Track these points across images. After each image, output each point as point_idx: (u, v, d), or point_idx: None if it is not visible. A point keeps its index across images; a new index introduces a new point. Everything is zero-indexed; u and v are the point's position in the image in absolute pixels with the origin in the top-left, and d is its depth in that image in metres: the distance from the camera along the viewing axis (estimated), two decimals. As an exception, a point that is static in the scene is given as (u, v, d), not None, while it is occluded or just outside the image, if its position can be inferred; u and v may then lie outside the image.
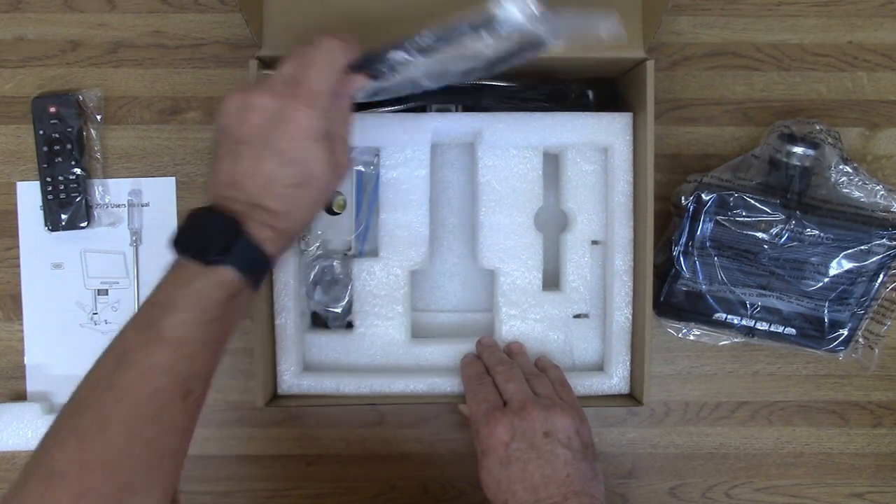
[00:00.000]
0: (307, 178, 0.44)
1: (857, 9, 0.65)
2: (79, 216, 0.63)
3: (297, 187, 0.44)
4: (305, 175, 0.44)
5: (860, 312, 0.59)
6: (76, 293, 0.65)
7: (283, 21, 0.55)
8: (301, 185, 0.44)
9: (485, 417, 0.50)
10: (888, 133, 0.66)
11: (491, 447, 0.49)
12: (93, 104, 0.64)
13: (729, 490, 0.66)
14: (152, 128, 0.65)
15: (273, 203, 0.44)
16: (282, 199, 0.44)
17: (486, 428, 0.50)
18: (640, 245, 0.57)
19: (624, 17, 0.55)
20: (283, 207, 0.44)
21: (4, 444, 0.62)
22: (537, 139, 0.59)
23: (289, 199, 0.44)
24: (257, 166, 0.43)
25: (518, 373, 0.54)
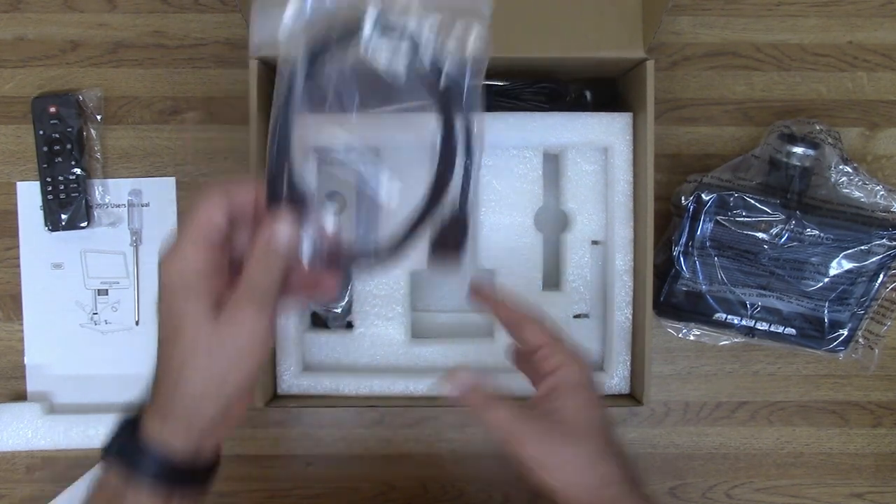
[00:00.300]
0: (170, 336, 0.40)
1: (857, 9, 0.65)
2: (79, 216, 0.63)
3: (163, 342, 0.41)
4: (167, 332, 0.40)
5: (860, 312, 0.59)
6: (76, 293, 0.65)
7: (283, 21, 0.55)
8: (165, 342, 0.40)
9: (573, 350, 0.45)
10: (888, 133, 0.66)
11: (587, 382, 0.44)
12: (93, 104, 0.64)
13: (729, 490, 0.66)
14: (152, 128, 0.65)
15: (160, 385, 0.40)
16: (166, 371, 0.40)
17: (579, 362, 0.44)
18: (640, 245, 0.57)
19: (624, 17, 0.56)
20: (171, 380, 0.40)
21: (4, 444, 0.62)
22: (537, 139, 0.59)
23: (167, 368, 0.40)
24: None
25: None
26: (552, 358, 0.44)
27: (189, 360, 0.39)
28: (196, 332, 0.39)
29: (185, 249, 0.40)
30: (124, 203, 0.65)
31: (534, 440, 0.42)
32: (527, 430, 0.42)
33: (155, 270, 0.64)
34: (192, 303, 0.39)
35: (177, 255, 0.40)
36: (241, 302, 0.39)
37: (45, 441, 0.62)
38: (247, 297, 0.40)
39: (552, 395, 0.43)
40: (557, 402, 0.43)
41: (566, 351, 0.44)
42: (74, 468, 0.64)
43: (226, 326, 0.39)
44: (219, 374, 0.39)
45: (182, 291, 0.40)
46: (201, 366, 0.39)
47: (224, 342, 0.39)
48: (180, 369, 0.39)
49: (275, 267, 0.40)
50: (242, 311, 0.39)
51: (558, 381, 0.44)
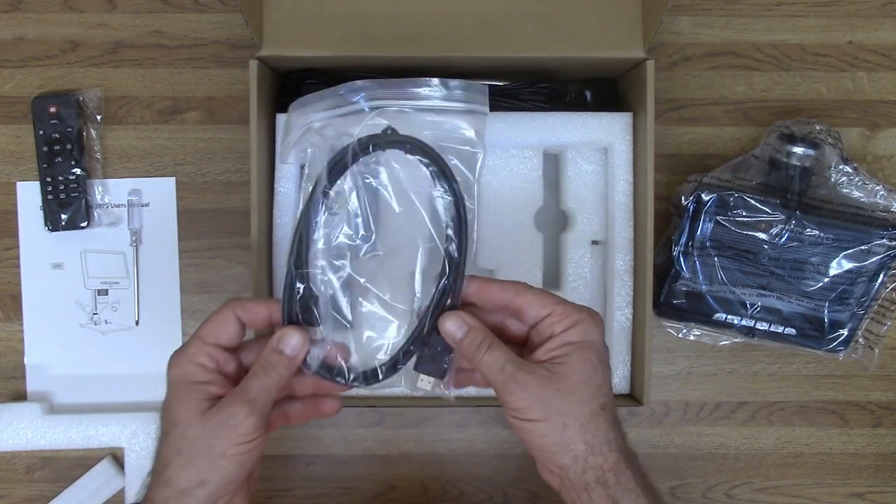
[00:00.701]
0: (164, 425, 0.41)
1: (857, 9, 0.65)
2: (79, 216, 0.63)
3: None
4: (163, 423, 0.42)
5: (860, 312, 0.59)
6: (76, 293, 0.65)
7: (283, 21, 0.55)
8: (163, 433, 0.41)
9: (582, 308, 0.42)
10: (888, 133, 0.66)
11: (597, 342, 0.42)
12: (93, 104, 0.64)
13: (729, 490, 0.66)
14: (152, 128, 0.65)
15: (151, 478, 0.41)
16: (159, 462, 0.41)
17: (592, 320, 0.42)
18: (640, 245, 0.57)
19: (624, 17, 0.56)
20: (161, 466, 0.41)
21: (4, 444, 0.62)
22: (537, 139, 0.59)
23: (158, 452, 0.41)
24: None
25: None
26: (566, 318, 0.41)
27: (173, 457, 0.40)
28: (184, 430, 0.40)
29: (190, 350, 0.42)
30: (124, 203, 0.65)
31: (526, 387, 0.40)
32: (521, 377, 0.40)
33: (155, 270, 0.65)
34: (186, 402, 0.40)
35: (181, 356, 0.42)
36: (230, 401, 0.40)
37: (45, 441, 0.62)
38: (238, 397, 0.40)
39: (559, 349, 0.41)
40: (563, 356, 0.41)
41: (579, 308, 0.42)
42: (74, 468, 0.64)
43: (211, 426, 0.39)
44: (198, 474, 0.39)
45: (180, 390, 0.41)
46: (182, 464, 0.39)
47: (207, 442, 0.39)
48: (165, 466, 0.40)
49: (274, 372, 0.41)
50: (229, 411, 0.40)
51: (570, 338, 0.41)
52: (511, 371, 0.40)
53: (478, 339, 0.42)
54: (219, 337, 0.42)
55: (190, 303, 0.65)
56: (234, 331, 0.43)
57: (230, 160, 0.65)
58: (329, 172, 0.44)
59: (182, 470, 0.39)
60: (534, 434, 0.40)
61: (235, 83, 0.65)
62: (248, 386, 0.41)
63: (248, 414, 0.39)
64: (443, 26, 0.55)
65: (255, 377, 0.41)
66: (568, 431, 0.39)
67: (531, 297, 0.42)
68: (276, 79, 0.60)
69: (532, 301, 0.42)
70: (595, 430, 0.40)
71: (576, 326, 0.41)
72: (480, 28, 0.55)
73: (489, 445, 0.66)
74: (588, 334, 0.41)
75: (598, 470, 0.40)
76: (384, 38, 0.55)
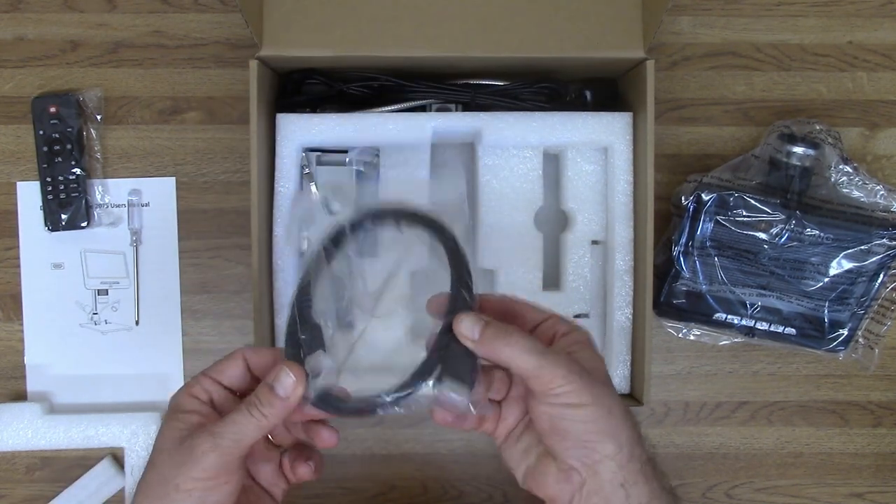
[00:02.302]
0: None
1: (857, 9, 0.65)
2: (79, 216, 0.63)
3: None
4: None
5: (860, 312, 0.59)
6: (76, 293, 0.65)
7: (283, 21, 0.55)
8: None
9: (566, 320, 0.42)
10: (888, 133, 0.66)
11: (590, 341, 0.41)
12: (93, 104, 0.64)
13: (729, 490, 0.66)
14: (152, 128, 0.65)
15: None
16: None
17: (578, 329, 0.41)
18: (640, 245, 0.57)
19: (624, 17, 0.56)
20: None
21: (4, 444, 0.62)
22: (537, 139, 0.59)
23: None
24: None
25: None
26: (564, 323, 0.41)
27: (140, 486, 0.39)
28: (156, 457, 0.39)
29: (190, 383, 0.41)
30: (124, 203, 0.65)
31: (562, 367, 0.36)
32: (553, 357, 0.36)
33: (155, 270, 0.65)
34: (168, 430, 0.39)
35: (182, 388, 0.41)
36: (198, 432, 0.38)
37: (45, 441, 0.62)
38: (206, 430, 0.38)
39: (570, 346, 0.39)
40: (575, 352, 0.39)
41: (569, 321, 0.42)
42: (74, 468, 0.64)
43: (176, 456, 0.37)
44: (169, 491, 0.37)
45: (168, 417, 0.40)
46: (143, 492, 0.38)
47: (168, 473, 0.37)
48: (135, 496, 0.39)
49: (258, 411, 0.38)
50: (193, 442, 0.37)
51: (575, 337, 0.40)
52: (541, 350, 0.37)
53: (497, 330, 0.38)
54: (221, 373, 0.41)
55: (190, 303, 0.65)
56: (239, 372, 0.41)
57: (230, 160, 0.65)
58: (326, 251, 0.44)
59: (143, 499, 0.38)
60: (576, 421, 0.36)
61: (235, 83, 0.65)
62: (223, 420, 0.38)
63: (209, 449, 0.37)
64: (443, 26, 0.55)
65: (236, 412, 0.38)
66: (614, 419, 0.36)
67: (527, 305, 0.43)
68: (276, 79, 0.60)
69: (529, 308, 0.42)
70: (633, 419, 0.37)
71: (571, 333, 0.41)
72: (480, 28, 0.55)
73: (489, 445, 0.66)
74: (584, 336, 0.41)
75: (639, 462, 0.37)
76: (384, 38, 0.55)
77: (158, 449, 0.39)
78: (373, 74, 0.59)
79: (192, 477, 0.37)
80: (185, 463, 0.37)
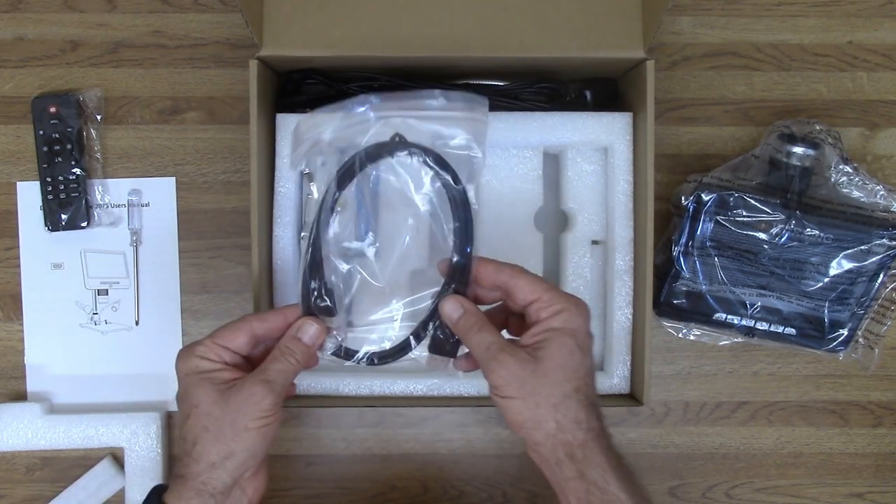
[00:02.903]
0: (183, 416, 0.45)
1: (857, 9, 0.65)
2: (79, 216, 0.63)
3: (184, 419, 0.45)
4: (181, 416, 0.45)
5: (860, 312, 0.59)
6: (76, 293, 0.65)
7: (283, 21, 0.55)
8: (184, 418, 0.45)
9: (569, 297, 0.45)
10: (888, 133, 0.66)
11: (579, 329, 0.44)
12: (93, 104, 0.64)
13: (729, 490, 0.66)
14: (152, 128, 0.65)
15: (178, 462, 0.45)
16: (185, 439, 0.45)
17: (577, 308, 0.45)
18: (640, 245, 0.57)
19: (624, 17, 0.56)
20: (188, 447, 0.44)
21: (4, 444, 0.62)
22: (537, 139, 0.59)
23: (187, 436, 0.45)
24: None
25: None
26: (551, 305, 0.44)
27: (200, 434, 0.44)
28: (207, 409, 0.44)
29: (199, 349, 0.45)
30: (124, 203, 0.65)
31: (506, 367, 0.43)
32: (503, 357, 0.43)
33: (155, 270, 0.65)
34: (203, 388, 0.44)
35: (190, 352, 0.46)
36: (250, 382, 0.44)
37: (45, 441, 0.62)
38: (258, 378, 0.45)
39: (541, 335, 0.44)
40: (544, 342, 0.44)
41: (566, 297, 0.45)
42: (74, 468, 0.64)
43: (233, 402, 0.44)
44: (226, 446, 0.43)
45: (193, 380, 0.45)
46: (210, 439, 0.43)
47: (231, 418, 0.43)
48: (193, 444, 0.44)
49: (292, 357, 0.46)
50: (250, 389, 0.44)
51: (553, 324, 0.44)
52: (494, 351, 0.44)
53: (470, 322, 0.46)
54: (228, 342, 0.46)
55: (190, 303, 0.65)
56: (245, 340, 0.47)
57: (230, 160, 0.65)
58: (338, 180, 0.48)
59: (211, 444, 0.43)
60: (510, 411, 0.43)
61: (235, 83, 0.65)
62: (267, 368, 0.45)
63: (267, 393, 0.44)
64: (443, 26, 0.55)
65: (275, 361, 0.46)
66: (540, 410, 0.42)
67: (522, 282, 0.46)
68: (276, 79, 0.60)
69: (523, 286, 0.45)
70: (566, 410, 0.43)
71: (559, 314, 0.44)
72: (480, 28, 0.55)
73: (489, 445, 0.66)
74: (569, 322, 0.44)
75: (567, 446, 0.43)
76: (384, 38, 0.55)
77: (205, 403, 0.44)
78: (372, 74, 0.59)
79: (256, 417, 0.43)
80: (244, 407, 0.43)
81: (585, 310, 0.45)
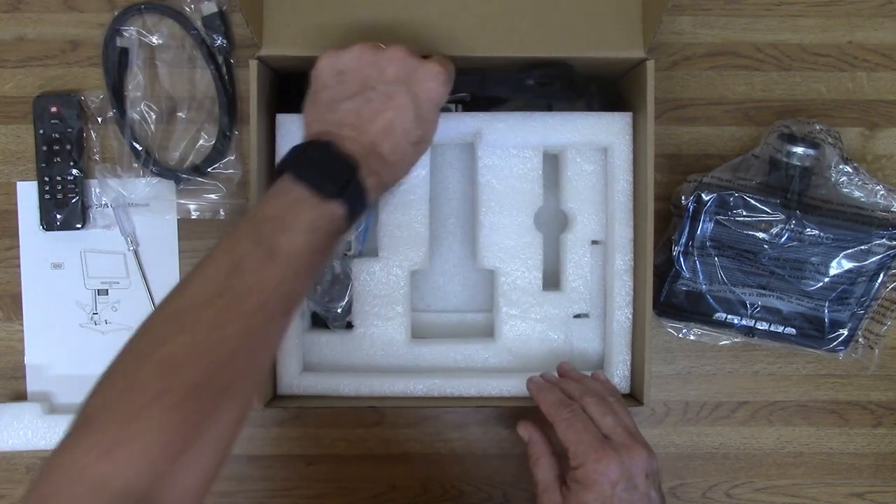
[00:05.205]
0: (423, 139, 0.49)
1: (857, 9, 0.65)
2: (74, 217, 0.63)
3: (413, 144, 0.48)
4: (424, 135, 0.49)
5: (860, 312, 0.59)
6: (76, 293, 0.65)
7: (283, 21, 0.55)
8: (417, 143, 0.49)
9: (594, 451, 0.47)
10: (888, 133, 0.66)
11: (596, 483, 0.47)
12: (94, 105, 0.64)
13: (729, 490, 0.66)
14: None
15: (389, 152, 0.47)
16: (398, 151, 0.48)
17: (597, 464, 0.47)
18: (640, 245, 0.57)
19: (624, 17, 0.56)
20: (396, 158, 0.48)
21: (4, 444, 0.62)
22: (537, 139, 0.59)
23: (403, 153, 0.48)
24: (385, 113, 0.47)
25: (610, 405, 0.52)
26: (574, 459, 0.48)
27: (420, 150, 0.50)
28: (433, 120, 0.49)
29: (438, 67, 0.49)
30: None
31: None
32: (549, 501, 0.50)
33: (155, 270, 0.65)
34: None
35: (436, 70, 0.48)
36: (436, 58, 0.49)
37: (45, 441, 0.62)
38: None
39: (571, 485, 0.48)
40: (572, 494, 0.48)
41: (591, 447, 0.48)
42: (74, 468, 0.64)
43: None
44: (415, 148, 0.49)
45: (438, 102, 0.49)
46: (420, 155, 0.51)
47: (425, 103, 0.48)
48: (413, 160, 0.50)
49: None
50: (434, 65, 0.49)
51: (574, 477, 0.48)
52: (540, 490, 0.51)
53: (530, 451, 0.53)
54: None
55: (190, 303, 0.65)
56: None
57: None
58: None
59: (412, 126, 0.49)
60: None
61: (235, 83, 0.65)
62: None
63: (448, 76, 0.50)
64: (442, 26, 0.55)
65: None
66: None
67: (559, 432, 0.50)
68: (276, 79, 0.60)
69: (559, 436, 0.50)
70: None
71: (579, 469, 0.48)
72: (480, 28, 0.55)
73: (489, 445, 0.66)
74: (586, 476, 0.47)
75: None
76: (384, 38, 0.55)
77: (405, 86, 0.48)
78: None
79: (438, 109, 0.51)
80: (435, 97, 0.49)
81: (614, 462, 0.47)
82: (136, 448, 0.35)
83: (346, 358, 0.60)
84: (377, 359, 0.60)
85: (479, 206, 0.60)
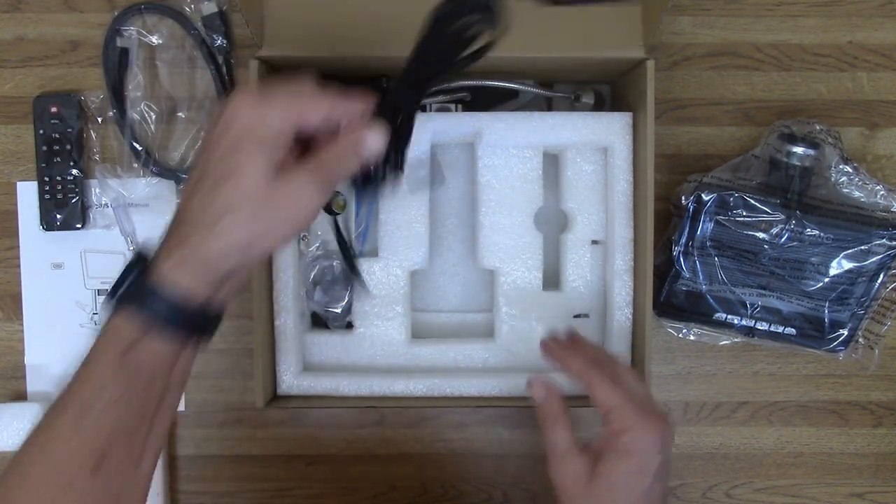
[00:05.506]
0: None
1: (857, 9, 0.65)
2: (74, 217, 0.63)
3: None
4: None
5: (860, 312, 0.59)
6: (76, 293, 0.65)
7: (283, 21, 0.55)
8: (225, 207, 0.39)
9: (641, 419, 0.45)
10: (888, 133, 0.66)
11: (640, 452, 0.44)
12: (94, 105, 0.64)
13: (729, 490, 0.66)
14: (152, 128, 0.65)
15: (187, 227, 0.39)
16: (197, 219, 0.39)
17: (645, 432, 0.45)
18: (640, 245, 0.57)
19: (624, 17, 0.56)
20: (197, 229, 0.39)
21: (4, 444, 0.62)
22: (537, 139, 0.59)
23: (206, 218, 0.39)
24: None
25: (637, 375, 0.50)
26: (619, 422, 0.45)
27: (235, 208, 0.38)
28: (252, 183, 0.37)
29: (273, 105, 0.39)
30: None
31: (564, 473, 0.46)
32: (565, 464, 0.46)
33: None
34: (257, 157, 0.38)
35: (270, 102, 0.39)
36: (304, 172, 0.39)
37: (45, 441, 0.62)
38: (313, 169, 0.39)
39: (605, 447, 0.45)
40: (604, 456, 0.45)
41: (637, 414, 0.45)
42: (74, 468, 0.64)
43: (281, 189, 0.38)
44: (258, 232, 0.38)
45: (249, 141, 0.38)
46: (244, 218, 0.38)
47: (274, 204, 0.38)
48: (221, 215, 0.38)
49: (351, 161, 0.41)
50: (302, 181, 0.38)
51: (615, 441, 0.45)
52: (560, 452, 0.47)
53: (547, 411, 0.48)
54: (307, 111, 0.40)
55: (190, 303, 0.65)
56: (322, 117, 0.40)
57: (230, 160, 0.65)
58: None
59: (239, 223, 0.38)
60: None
61: (235, 83, 0.65)
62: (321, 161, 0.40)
63: (317, 188, 0.39)
64: (443, 26, 0.55)
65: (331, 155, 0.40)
66: None
67: (598, 392, 0.46)
68: (276, 79, 0.60)
69: (598, 395, 0.46)
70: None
71: (624, 433, 0.45)
72: (480, 28, 0.55)
73: (489, 445, 0.66)
74: (632, 444, 0.44)
75: None
76: (385, 37, 0.55)
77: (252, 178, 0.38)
78: (373, 74, 0.59)
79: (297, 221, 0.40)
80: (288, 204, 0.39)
81: (659, 433, 0.45)
82: None
83: (345, 358, 0.60)
84: (377, 359, 0.60)
85: (479, 205, 0.60)
